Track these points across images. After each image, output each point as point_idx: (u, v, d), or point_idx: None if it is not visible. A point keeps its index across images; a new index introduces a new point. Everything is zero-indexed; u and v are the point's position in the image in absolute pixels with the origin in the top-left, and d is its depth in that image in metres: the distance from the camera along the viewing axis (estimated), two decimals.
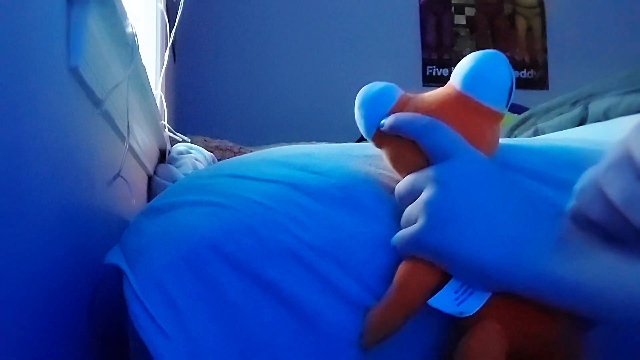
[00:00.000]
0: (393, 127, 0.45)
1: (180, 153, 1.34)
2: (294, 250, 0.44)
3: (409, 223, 0.42)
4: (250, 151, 1.62)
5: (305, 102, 2.62)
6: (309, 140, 1.70)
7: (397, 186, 0.45)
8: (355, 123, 0.49)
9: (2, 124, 0.38)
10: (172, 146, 1.35)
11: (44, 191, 0.47)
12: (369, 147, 0.56)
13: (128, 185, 0.81)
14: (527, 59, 2.86)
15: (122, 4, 0.64)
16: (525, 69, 2.85)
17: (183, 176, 1.17)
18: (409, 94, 0.48)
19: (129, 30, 0.69)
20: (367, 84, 0.49)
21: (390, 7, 2.79)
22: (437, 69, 2.80)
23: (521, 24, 2.91)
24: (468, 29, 2.87)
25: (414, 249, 0.41)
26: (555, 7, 2.92)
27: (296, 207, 0.47)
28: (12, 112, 0.40)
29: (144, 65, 0.85)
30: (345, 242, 0.45)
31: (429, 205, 0.41)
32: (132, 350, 0.48)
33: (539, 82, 2.86)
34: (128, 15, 0.68)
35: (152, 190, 1.17)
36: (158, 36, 1.46)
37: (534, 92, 2.80)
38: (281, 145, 1.43)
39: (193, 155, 1.36)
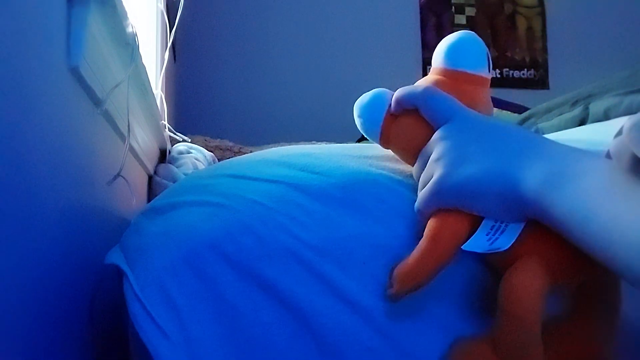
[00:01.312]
0: (397, 103, 0.49)
1: (181, 153, 1.34)
2: (294, 250, 0.44)
3: (426, 184, 0.44)
4: (251, 151, 1.62)
5: (306, 102, 2.62)
6: (309, 140, 1.70)
7: (413, 171, 0.48)
8: (354, 124, 0.53)
9: (3, 124, 0.38)
10: (172, 146, 1.35)
11: (44, 191, 0.47)
12: (369, 147, 0.56)
13: (128, 185, 0.81)
14: (527, 58, 2.86)
15: (122, 4, 0.64)
16: (525, 69, 2.85)
17: (183, 176, 1.17)
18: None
19: (129, 30, 0.69)
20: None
21: (390, 7, 2.79)
22: None
23: (521, 23, 2.91)
24: (468, 29, 2.86)
25: (438, 200, 0.42)
26: (556, 7, 2.92)
27: (296, 207, 0.47)
28: (12, 112, 0.40)
29: (144, 65, 0.85)
30: (346, 242, 0.45)
31: (440, 158, 0.43)
32: (132, 350, 0.48)
33: (539, 82, 2.86)
34: (128, 15, 0.68)
35: (152, 190, 1.17)
36: (158, 36, 1.46)
37: (534, 92, 2.80)
38: (281, 145, 1.43)
39: (193, 155, 1.36)
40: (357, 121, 0.52)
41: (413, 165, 0.49)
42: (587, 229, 0.34)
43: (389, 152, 0.53)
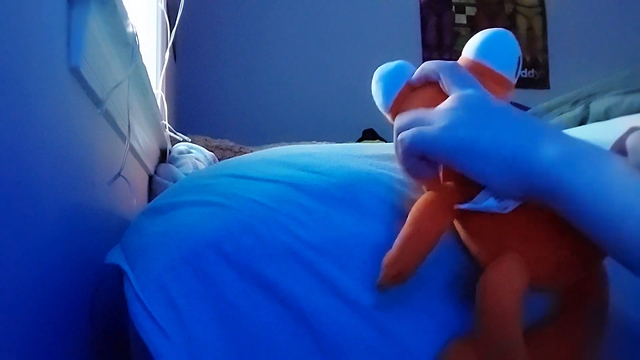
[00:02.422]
0: (421, 70, 0.47)
1: (181, 153, 1.34)
2: (294, 250, 0.44)
3: (417, 123, 0.42)
4: (251, 151, 1.62)
5: (306, 101, 2.62)
6: (309, 140, 1.70)
7: (396, 119, 0.45)
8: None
9: (3, 124, 0.38)
10: (172, 146, 1.35)
11: (44, 191, 0.47)
12: (370, 147, 0.56)
13: (129, 184, 0.81)
14: (528, 58, 2.86)
15: (122, 4, 0.64)
16: (526, 69, 2.85)
17: (184, 176, 1.17)
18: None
19: (129, 30, 0.69)
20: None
21: (390, 6, 2.79)
22: None
23: (522, 23, 2.91)
24: (469, 29, 2.87)
25: (432, 147, 0.40)
26: (556, 7, 2.92)
27: (297, 207, 0.47)
28: (13, 112, 0.40)
29: (144, 65, 0.85)
30: (346, 241, 0.45)
31: (447, 110, 0.41)
32: (132, 349, 0.48)
33: (540, 82, 2.86)
34: (128, 15, 0.68)
35: (152, 189, 1.17)
36: (158, 36, 1.46)
37: (535, 91, 2.80)
38: (282, 145, 1.43)
39: (194, 154, 1.36)
40: (374, 86, 0.51)
41: None
42: (601, 210, 0.34)
43: (389, 151, 0.53)
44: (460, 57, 0.49)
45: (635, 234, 0.32)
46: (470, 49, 0.49)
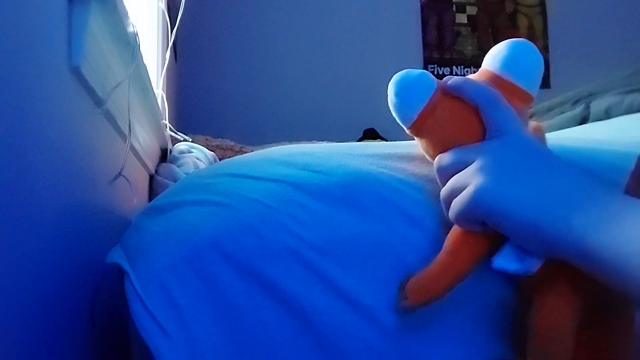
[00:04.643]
0: (461, 88, 0.46)
1: (182, 152, 1.34)
2: (295, 249, 0.44)
3: (456, 191, 0.42)
4: (251, 150, 1.62)
5: (307, 101, 2.62)
6: (310, 139, 1.70)
7: (438, 158, 0.46)
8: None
9: (4, 124, 0.38)
10: (173, 145, 1.35)
11: (45, 190, 0.47)
12: (370, 146, 0.56)
13: (129, 184, 0.81)
14: None
15: (123, 4, 0.64)
16: None
17: (184, 175, 1.17)
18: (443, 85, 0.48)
19: (130, 29, 0.69)
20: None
21: (391, 6, 2.79)
22: (438, 68, 2.80)
23: (522, 22, 2.91)
24: (469, 28, 2.86)
25: (473, 210, 0.41)
26: (557, 6, 2.92)
27: (297, 207, 0.47)
28: (13, 112, 0.40)
29: (145, 65, 0.85)
30: (347, 241, 0.45)
31: (484, 168, 0.41)
32: (133, 349, 0.48)
33: (541, 81, 2.85)
34: (129, 15, 0.68)
35: (153, 189, 1.17)
36: (159, 35, 1.46)
37: None
38: (282, 145, 1.43)
39: (194, 154, 1.36)
40: (393, 99, 0.48)
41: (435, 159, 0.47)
42: (631, 277, 0.34)
43: (390, 151, 0.53)
44: (481, 69, 0.48)
45: None
46: (494, 62, 0.47)
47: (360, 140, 2.36)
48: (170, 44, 1.44)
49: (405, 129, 0.49)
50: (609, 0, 2.92)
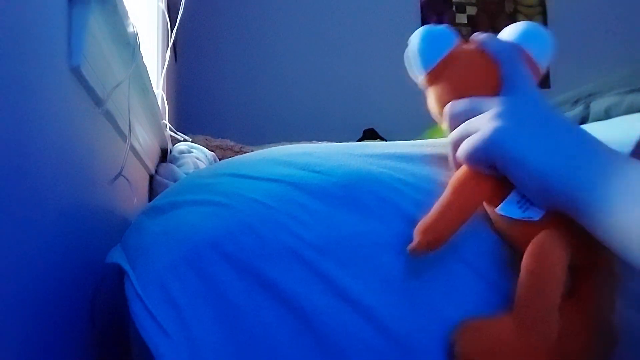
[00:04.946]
0: (486, 42, 0.49)
1: (182, 152, 1.34)
2: (294, 249, 0.44)
3: (469, 133, 0.44)
4: (251, 150, 1.62)
5: (306, 101, 2.62)
6: (310, 139, 1.70)
7: (450, 104, 0.48)
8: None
9: (4, 124, 0.38)
10: (173, 145, 1.35)
11: (45, 190, 0.47)
12: (371, 146, 0.56)
13: (129, 184, 0.81)
14: None
15: (123, 4, 0.65)
16: None
17: (184, 175, 1.17)
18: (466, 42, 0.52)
19: (130, 29, 0.69)
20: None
21: (391, 6, 2.79)
22: None
23: None
24: (469, 28, 2.86)
25: (484, 149, 0.43)
26: (556, 6, 2.92)
27: (297, 206, 0.47)
28: (13, 112, 0.40)
29: (145, 65, 0.85)
30: (347, 241, 0.45)
31: (501, 116, 0.43)
32: (133, 349, 0.48)
33: (541, 81, 2.85)
34: (129, 15, 0.68)
35: (153, 189, 1.17)
36: (159, 35, 1.46)
37: None
38: (282, 145, 1.43)
39: (194, 154, 1.36)
40: (417, 44, 0.50)
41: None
42: (618, 229, 0.36)
43: (390, 151, 0.53)
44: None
45: None
46: (512, 34, 0.51)
47: (360, 140, 2.36)
48: (170, 44, 1.44)
49: (421, 77, 0.50)
50: (609, 0, 2.92)
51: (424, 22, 2.82)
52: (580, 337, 0.42)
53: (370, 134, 2.43)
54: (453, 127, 0.47)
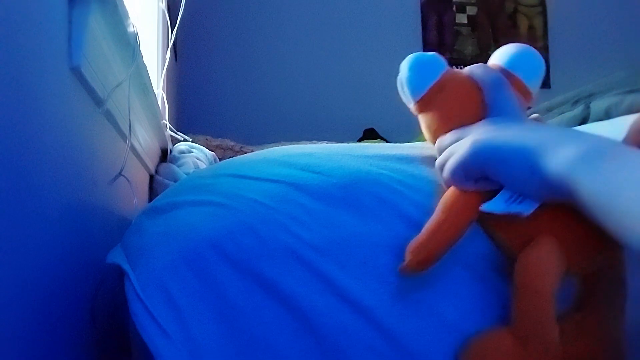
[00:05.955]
0: (472, 70, 0.51)
1: (182, 152, 1.34)
2: (294, 249, 0.44)
3: (450, 156, 0.46)
4: (251, 150, 1.62)
5: (307, 101, 2.62)
6: (310, 139, 1.70)
7: (439, 139, 0.49)
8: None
9: (4, 124, 0.38)
10: (173, 145, 1.35)
11: (46, 190, 0.47)
12: (370, 146, 0.56)
13: (130, 184, 0.81)
14: None
15: (123, 4, 0.65)
16: None
17: (184, 175, 1.17)
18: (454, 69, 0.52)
19: (130, 29, 0.69)
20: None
21: (391, 6, 2.79)
22: None
23: (523, 22, 2.91)
24: (470, 28, 2.86)
25: (467, 163, 0.43)
26: (557, 6, 2.92)
27: (297, 207, 0.47)
28: (14, 111, 0.40)
29: (145, 65, 0.85)
30: (346, 241, 0.45)
31: (480, 132, 0.45)
32: (133, 349, 0.48)
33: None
34: (129, 15, 0.68)
35: (153, 189, 1.17)
36: (159, 35, 1.46)
37: None
38: (282, 145, 1.43)
39: (194, 154, 1.36)
40: (406, 73, 0.51)
41: (436, 139, 0.50)
42: (617, 208, 0.35)
43: (389, 152, 0.53)
44: (489, 62, 0.53)
45: None
46: (502, 57, 0.52)
47: (360, 140, 2.36)
48: (171, 44, 1.44)
49: (411, 104, 0.51)
50: (609, 0, 2.92)
51: (424, 22, 2.82)
52: (590, 347, 0.42)
53: (370, 134, 2.43)
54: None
